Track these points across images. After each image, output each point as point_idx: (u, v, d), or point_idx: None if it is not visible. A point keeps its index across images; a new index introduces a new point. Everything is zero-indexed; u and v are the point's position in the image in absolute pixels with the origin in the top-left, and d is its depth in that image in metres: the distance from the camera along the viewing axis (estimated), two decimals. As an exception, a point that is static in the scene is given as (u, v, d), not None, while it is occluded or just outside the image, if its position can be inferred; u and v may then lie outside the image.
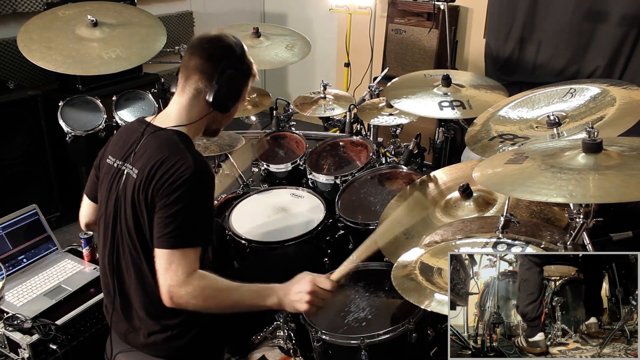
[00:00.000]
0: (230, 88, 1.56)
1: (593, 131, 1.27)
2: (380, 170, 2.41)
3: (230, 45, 1.56)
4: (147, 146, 1.52)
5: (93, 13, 2.40)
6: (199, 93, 1.55)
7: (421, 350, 1.70)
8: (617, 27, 3.43)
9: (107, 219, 1.57)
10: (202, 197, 1.48)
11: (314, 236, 2.08)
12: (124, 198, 1.51)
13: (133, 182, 1.49)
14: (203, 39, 1.57)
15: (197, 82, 1.54)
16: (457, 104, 2.20)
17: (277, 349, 2.18)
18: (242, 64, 1.59)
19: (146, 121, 1.60)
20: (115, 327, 1.64)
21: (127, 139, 1.59)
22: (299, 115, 3.00)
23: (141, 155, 1.51)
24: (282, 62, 2.76)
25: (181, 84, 1.57)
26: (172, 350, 1.55)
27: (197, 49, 1.55)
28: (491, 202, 1.84)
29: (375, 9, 4.35)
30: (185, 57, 1.58)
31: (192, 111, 1.56)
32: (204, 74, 1.53)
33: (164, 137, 1.52)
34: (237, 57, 1.57)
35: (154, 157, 1.47)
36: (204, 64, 1.53)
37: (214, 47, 1.55)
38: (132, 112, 2.62)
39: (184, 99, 1.56)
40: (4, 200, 2.90)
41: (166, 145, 1.49)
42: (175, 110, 1.57)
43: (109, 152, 1.62)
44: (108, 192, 1.57)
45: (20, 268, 2.16)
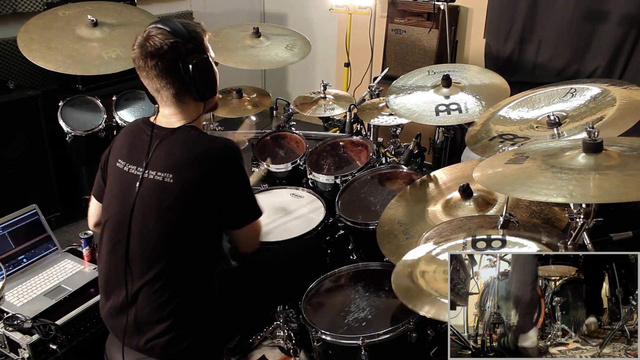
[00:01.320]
0: (203, 75, 1.52)
1: (593, 131, 1.27)
2: (380, 170, 2.41)
3: (171, 43, 1.46)
4: (169, 149, 1.51)
5: (93, 13, 2.40)
6: (181, 97, 1.54)
7: (421, 350, 1.70)
8: (617, 27, 3.43)
9: (117, 224, 1.54)
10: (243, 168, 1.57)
11: (314, 236, 2.08)
12: (149, 204, 1.50)
13: (172, 185, 1.48)
14: (145, 56, 1.47)
15: (170, 93, 1.52)
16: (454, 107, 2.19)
17: (277, 349, 2.18)
18: (191, 43, 1.50)
19: (151, 122, 1.59)
20: (115, 331, 1.62)
21: (135, 141, 1.58)
22: (299, 115, 3.00)
23: (165, 158, 1.50)
24: (282, 62, 2.76)
25: (159, 99, 1.55)
26: (172, 353, 1.54)
27: (148, 69, 1.49)
28: (491, 202, 1.84)
29: (375, 9, 4.35)
30: (142, 77, 1.53)
31: (187, 112, 1.56)
32: (172, 84, 1.50)
33: (183, 135, 1.53)
34: (183, 45, 1.48)
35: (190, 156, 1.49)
36: (166, 77, 1.49)
37: (160, 59, 1.47)
38: (132, 112, 2.62)
39: (172, 108, 1.56)
40: (4, 200, 2.90)
41: (194, 142, 1.52)
42: (173, 116, 1.57)
43: (117, 156, 1.60)
44: (121, 197, 1.55)
45: (20, 268, 2.16)
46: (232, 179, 1.54)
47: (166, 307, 1.51)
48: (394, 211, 2.00)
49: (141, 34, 1.50)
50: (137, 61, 1.51)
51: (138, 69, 1.52)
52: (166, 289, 1.51)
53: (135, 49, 1.50)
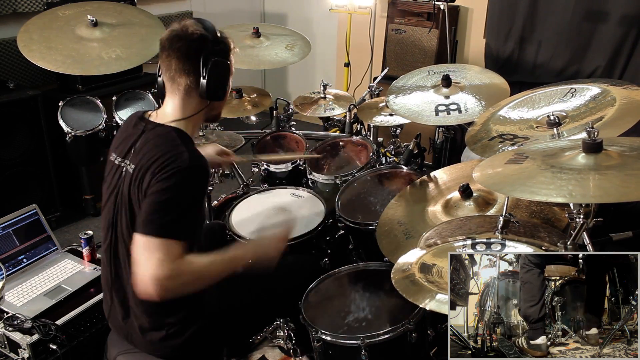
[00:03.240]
0: (218, 76, 1.54)
1: (593, 131, 1.27)
2: (380, 170, 2.41)
3: (201, 34, 1.52)
4: (145, 143, 1.52)
5: (93, 13, 2.40)
6: (189, 91, 1.54)
7: (421, 350, 1.70)
8: (617, 27, 3.43)
9: (108, 216, 1.58)
10: (192, 191, 1.46)
11: (314, 236, 2.08)
12: (122, 195, 1.52)
13: (130, 177, 1.50)
14: (172, 38, 1.52)
15: (183, 82, 1.53)
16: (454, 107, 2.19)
17: (277, 349, 2.18)
18: (219, 46, 1.55)
19: (145, 118, 1.60)
20: (114, 324, 1.65)
21: (127, 135, 1.60)
22: (299, 115, 3.00)
23: (139, 152, 1.52)
24: (282, 62, 2.76)
25: (168, 87, 1.57)
26: (169, 349, 1.55)
27: (171, 50, 1.51)
28: (491, 202, 1.84)
29: (375, 9, 4.35)
30: (162, 60, 1.55)
31: (187, 107, 1.57)
32: (188, 73, 1.52)
33: (161, 133, 1.53)
34: (211, 42, 1.53)
35: (150, 152, 1.48)
36: (184, 64, 1.51)
37: (187, 43, 1.51)
38: (132, 112, 2.61)
39: (177, 99, 1.56)
40: (4, 200, 2.90)
41: (163, 141, 1.50)
42: (171, 109, 1.57)
43: (112, 150, 1.63)
44: (110, 189, 1.58)
45: (20, 268, 2.16)
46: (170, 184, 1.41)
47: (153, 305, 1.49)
48: (394, 211, 2.00)
49: (177, 23, 1.54)
50: (163, 42, 1.53)
51: (161, 50, 1.53)
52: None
53: (166, 32, 1.53)
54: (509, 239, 1.46)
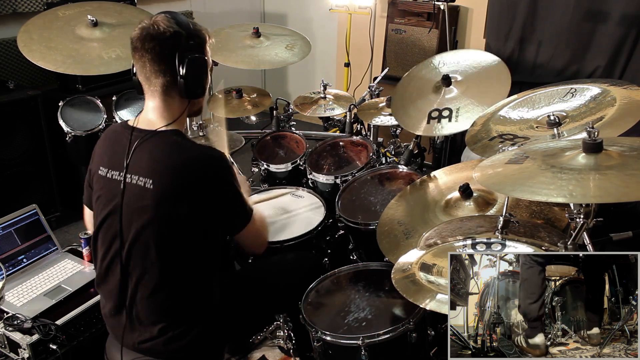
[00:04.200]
0: (196, 73, 1.50)
1: (593, 131, 1.27)
2: (380, 170, 2.41)
3: (174, 31, 1.45)
4: (150, 153, 1.48)
5: (93, 13, 2.40)
6: (168, 91, 1.50)
7: (421, 350, 1.70)
8: (617, 27, 3.42)
9: (110, 230, 1.53)
10: (232, 172, 1.54)
11: (314, 236, 2.08)
12: (135, 209, 1.47)
13: (152, 192, 1.44)
14: (144, 37, 1.45)
15: (160, 82, 1.49)
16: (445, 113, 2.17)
17: (277, 349, 2.18)
18: (193, 40, 1.50)
19: (130, 125, 1.55)
20: (115, 332, 1.62)
21: (116, 147, 1.54)
22: (299, 115, 3.00)
23: (147, 163, 1.47)
24: (282, 62, 2.76)
25: (146, 87, 1.52)
26: (172, 351, 1.55)
27: (144, 50, 1.45)
28: (491, 202, 1.84)
29: (375, 9, 4.35)
30: (135, 60, 1.49)
31: (171, 109, 1.53)
32: (164, 73, 1.47)
33: (166, 140, 1.50)
34: (185, 38, 1.47)
35: (170, 162, 1.45)
36: (159, 64, 1.46)
37: (160, 42, 1.45)
38: (132, 112, 2.62)
39: (157, 100, 1.52)
40: (4, 200, 2.90)
41: (176, 149, 1.48)
42: (155, 113, 1.53)
43: (99, 164, 1.57)
44: (108, 205, 1.53)
45: (20, 268, 2.15)
46: (213, 189, 1.49)
47: (163, 309, 1.51)
48: (394, 211, 2.00)
49: (147, 18, 1.49)
50: (135, 42, 1.47)
51: (133, 50, 1.48)
52: (161, 291, 1.50)
53: (136, 29, 1.47)
54: (509, 239, 1.46)
